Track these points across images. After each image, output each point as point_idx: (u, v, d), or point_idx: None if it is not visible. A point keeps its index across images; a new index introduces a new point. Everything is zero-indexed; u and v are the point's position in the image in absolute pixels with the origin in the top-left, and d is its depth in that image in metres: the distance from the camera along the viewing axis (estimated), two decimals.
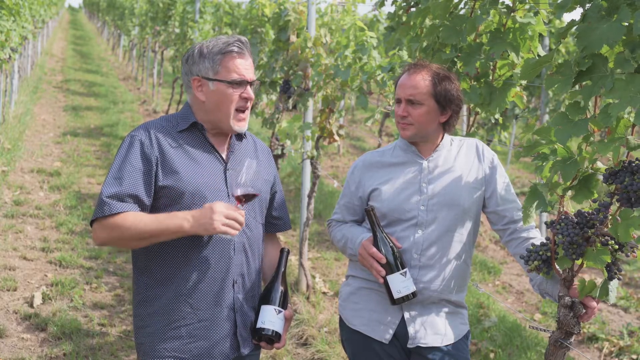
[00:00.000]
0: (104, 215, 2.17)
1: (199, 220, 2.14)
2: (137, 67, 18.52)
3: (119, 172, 2.21)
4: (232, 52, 2.28)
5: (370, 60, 4.44)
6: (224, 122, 2.30)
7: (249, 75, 2.30)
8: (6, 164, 7.96)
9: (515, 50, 2.71)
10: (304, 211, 5.29)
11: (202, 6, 10.42)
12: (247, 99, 2.29)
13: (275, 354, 4.24)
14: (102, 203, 2.18)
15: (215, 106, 2.29)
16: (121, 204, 2.18)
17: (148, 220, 2.17)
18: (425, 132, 2.46)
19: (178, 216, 2.17)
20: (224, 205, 2.16)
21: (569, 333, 2.12)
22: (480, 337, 4.73)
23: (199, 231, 2.15)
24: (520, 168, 11.15)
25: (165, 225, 2.16)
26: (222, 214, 2.13)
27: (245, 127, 2.34)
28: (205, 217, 2.14)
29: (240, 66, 2.28)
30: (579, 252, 2.04)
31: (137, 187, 2.20)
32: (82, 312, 4.67)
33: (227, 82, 2.27)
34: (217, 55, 2.28)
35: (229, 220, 2.14)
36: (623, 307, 5.56)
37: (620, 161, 1.94)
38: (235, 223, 2.15)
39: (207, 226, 2.13)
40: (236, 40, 2.30)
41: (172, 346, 2.27)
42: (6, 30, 7.71)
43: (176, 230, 2.16)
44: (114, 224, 2.17)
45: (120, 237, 2.18)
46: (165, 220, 2.16)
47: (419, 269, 2.44)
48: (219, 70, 2.27)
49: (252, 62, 2.34)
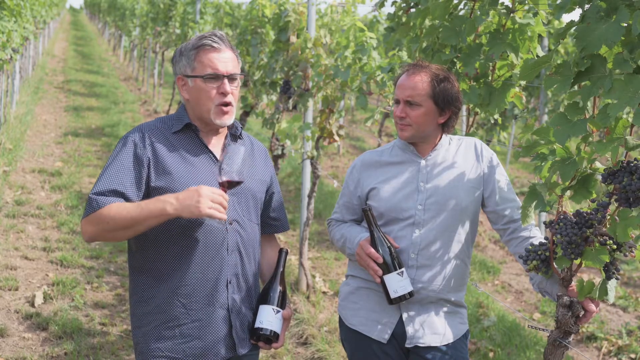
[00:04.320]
0: (94, 210, 2.17)
1: (183, 202, 2.10)
2: (138, 67, 18.53)
3: (107, 171, 2.22)
4: (204, 46, 2.25)
5: (370, 60, 4.46)
6: (205, 117, 2.27)
7: (225, 69, 2.24)
8: (8, 164, 7.97)
9: (514, 50, 2.72)
10: (304, 211, 5.30)
11: (202, 7, 10.43)
12: (223, 93, 2.25)
13: (275, 353, 4.25)
14: (90, 201, 2.19)
15: (196, 103, 2.28)
16: (105, 198, 2.17)
17: (131, 208, 2.14)
18: (423, 133, 2.46)
19: (160, 199, 2.13)
20: (210, 189, 2.12)
21: (568, 332, 2.13)
22: (480, 336, 4.74)
23: (184, 213, 2.11)
24: (520, 168, 11.16)
25: (148, 210, 2.12)
26: (208, 197, 2.10)
27: (228, 121, 2.29)
28: (190, 199, 2.10)
29: (214, 60, 2.24)
30: (578, 251, 2.05)
31: (123, 184, 2.20)
32: (83, 311, 4.68)
33: (201, 77, 2.24)
34: (192, 51, 2.26)
35: (214, 204, 2.11)
36: (622, 306, 5.57)
37: (619, 161, 1.95)
38: (221, 207, 2.12)
39: (193, 208, 2.09)
40: (211, 34, 2.26)
41: (166, 346, 2.27)
42: (7, 30, 7.72)
43: (159, 213, 2.12)
44: (98, 217, 2.16)
45: (105, 228, 2.16)
46: (148, 205, 2.13)
47: (417, 269, 2.45)
48: (195, 66, 2.25)
49: (232, 56, 2.28)
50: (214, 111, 2.26)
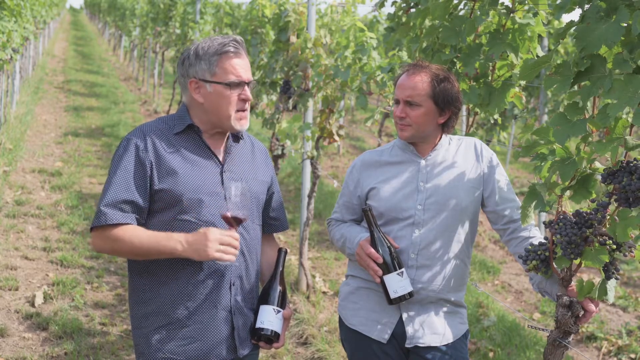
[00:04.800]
0: (101, 224, 2.18)
1: (192, 246, 2.15)
2: (138, 67, 18.53)
3: (114, 179, 2.22)
4: (228, 53, 2.25)
5: (370, 60, 4.46)
6: (224, 122, 2.28)
7: (246, 76, 2.27)
8: (8, 164, 7.97)
9: (514, 50, 2.72)
10: (304, 211, 5.30)
11: (202, 7, 10.43)
12: (245, 100, 2.27)
13: (275, 353, 4.25)
14: (100, 212, 2.19)
15: (214, 108, 2.27)
16: (119, 213, 2.18)
17: (144, 238, 2.18)
18: (423, 133, 2.46)
19: (173, 238, 2.17)
20: (219, 232, 2.15)
21: (568, 332, 2.13)
22: (480, 336, 4.74)
23: (193, 256, 2.16)
24: (519, 168, 11.16)
25: (161, 246, 2.17)
26: (217, 241, 2.13)
27: (246, 126, 2.32)
28: (199, 243, 2.14)
29: (237, 67, 2.25)
30: (577, 251, 2.05)
31: (132, 192, 2.20)
32: (83, 311, 4.68)
33: (224, 83, 2.24)
34: (214, 56, 2.25)
35: (223, 247, 2.14)
36: (621, 306, 5.57)
37: (619, 161, 1.95)
38: (230, 248, 2.15)
39: (201, 252, 2.14)
40: (232, 40, 2.26)
41: (167, 348, 2.27)
42: (7, 31, 7.72)
43: (170, 252, 2.17)
44: (112, 236, 2.19)
45: (115, 248, 2.22)
46: (161, 241, 2.17)
47: (417, 269, 2.45)
48: (216, 72, 2.24)
49: (248, 62, 2.31)
50: (235, 117, 2.27)
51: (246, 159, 2.41)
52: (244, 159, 2.40)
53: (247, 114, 2.31)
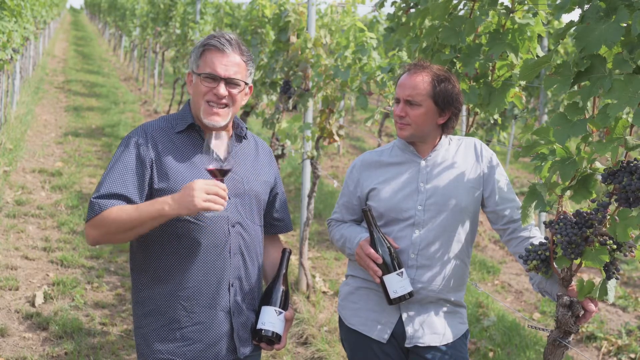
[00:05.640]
0: (95, 214, 2.16)
1: (179, 202, 2.09)
2: (138, 67, 18.54)
3: (110, 174, 2.21)
4: (209, 46, 2.24)
5: (370, 60, 4.46)
6: (199, 115, 2.26)
7: (225, 72, 2.22)
8: (8, 164, 7.97)
9: (514, 51, 2.73)
10: (304, 211, 5.30)
11: (202, 7, 10.44)
12: (216, 95, 2.22)
13: (276, 353, 4.25)
14: (92, 204, 2.18)
15: (193, 99, 2.29)
16: (107, 201, 2.17)
17: (130, 210, 2.14)
18: (422, 132, 2.46)
19: (158, 201, 2.13)
20: (203, 182, 2.09)
21: (568, 332, 2.13)
22: (480, 336, 4.74)
23: (181, 211, 2.09)
24: (519, 168, 11.16)
25: (147, 212, 2.12)
26: (202, 190, 2.07)
27: (218, 123, 2.24)
28: (185, 196, 2.08)
29: (215, 61, 2.22)
30: (578, 251, 2.05)
31: (126, 186, 2.19)
32: (83, 311, 4.68)
33: (199, 74, 2.24)
34: (199, 48, 2.26)
35: (210, 196, 2.08)
36: (621, 306, 5.57)
37: (619, 161, 1.95)
38: (218, 197, 2.09)
39: (189, 204, 2.07)
40: (221, 36, 2.25)
41: (167, 348, 2.27)
42: (8, 31, 7.72)
43: (157, 214, 2.11)
44: (100, 221, 2.16)
45: (107, 232, 2.17)
46: (147, 207, 2.13)
47: (417, 269, 2.45)
48: (199, 64, 2.25)
49: (239, 61, 2.25)
50: (205, 110, 2.24)
51: (248, 158, 2.40)
52: (246, 158, 2.39)
53: (220, 110, 2.24)
